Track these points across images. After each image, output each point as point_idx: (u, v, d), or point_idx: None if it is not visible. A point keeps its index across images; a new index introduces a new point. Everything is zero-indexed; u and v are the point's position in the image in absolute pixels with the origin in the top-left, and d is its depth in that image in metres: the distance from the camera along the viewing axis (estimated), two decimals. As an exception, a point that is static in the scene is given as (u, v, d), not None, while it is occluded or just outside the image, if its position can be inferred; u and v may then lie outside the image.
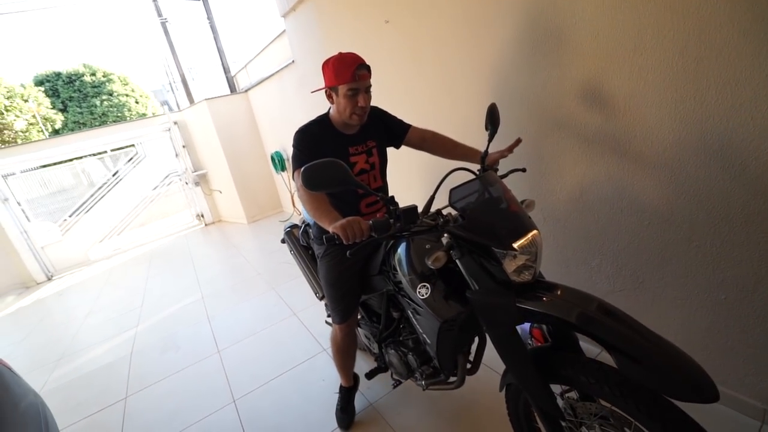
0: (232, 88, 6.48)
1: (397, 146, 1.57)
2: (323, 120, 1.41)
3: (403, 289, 1.26)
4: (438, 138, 1.51)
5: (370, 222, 1.01)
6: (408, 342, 1.48)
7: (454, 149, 1.47)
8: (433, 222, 1.07)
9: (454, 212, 1.08)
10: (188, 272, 4.31)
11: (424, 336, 1.22)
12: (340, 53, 1.30)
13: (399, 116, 1.59)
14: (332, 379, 1.95)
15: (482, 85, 1.85)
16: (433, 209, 1.11)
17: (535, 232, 0.96)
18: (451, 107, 2.05)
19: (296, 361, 2.19)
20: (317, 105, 3.75)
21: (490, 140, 1.28)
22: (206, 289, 3.63)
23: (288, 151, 5.17)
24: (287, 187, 5.49)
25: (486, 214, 1.00)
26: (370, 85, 1.31)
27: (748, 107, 1.08)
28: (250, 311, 2.96)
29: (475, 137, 1.78)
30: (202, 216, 6.69)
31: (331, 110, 1.41)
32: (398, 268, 1.26)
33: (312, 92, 1.50)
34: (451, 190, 1.04)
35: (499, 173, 1.24)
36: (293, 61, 4.03)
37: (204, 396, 2.08)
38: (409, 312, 1.25)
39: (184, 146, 6.28)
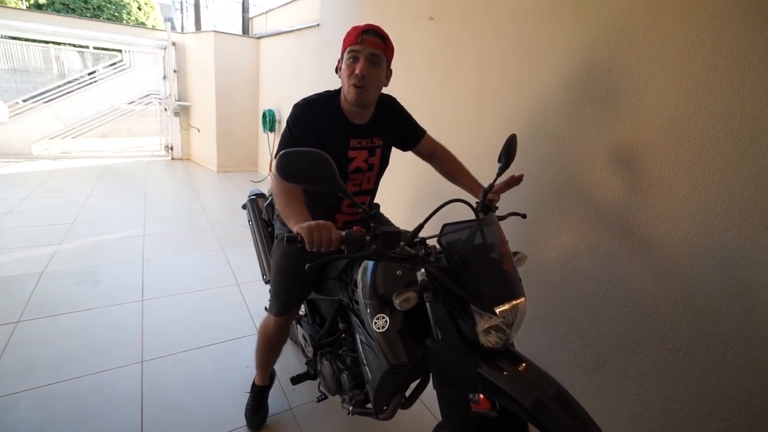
0: (245, 30, 6.08)
1: (404, 149, 1.42)
2: (330, 97, 1.22)
3: (358, 309, 1.12)
4: (447, 157, 1.38)
5: (343, 233, 0.86)
6: (346, 359, 1.35)
7: (458, 175, 1.34)
8: (413, 252, 0.94)
9: (437, 246, 0.96)
10: (137, 202, 3.95)
11: (367, 369, 1.09)
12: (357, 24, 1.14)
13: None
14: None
15: (510, 114, 1.75)
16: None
17: (522, 299, 0.86)
18: (473, 126, 1.94)
19: (224, 336, 1.99)
20: (333, 78, 3.54)
21: (499, 174, 1.17)
22: (151, 227, 3.32)
23: (282, 113, 4.89)
24: (270, 149, 5.20)
25: (475, 265, 0.87)
26: (380, 58, 1.12)
27: (773, 233, 1.03)
28: (191, 266, 2.72)
29: (484, 166, 1.67)
30: (171, 149, 6.23)
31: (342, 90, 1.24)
32: (359, 285, 1.11)
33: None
34: (445, 225, 0.90)
35: (498, 213, 1.14)
36: (318, 25, 3.80)
37: (108, 346, 1.84)
38: (358, 336, 1.11)
39: (175, 71, 5.82)
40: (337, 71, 1.20)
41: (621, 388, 1.41)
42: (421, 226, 0.92)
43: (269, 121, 4.95)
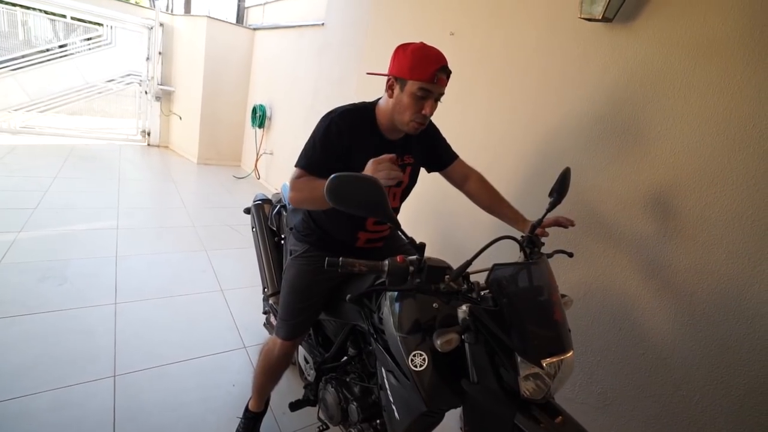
0: (239, 20, 5.85)
1: (434, 170, 1.36)
2: (367, 110, 1.17)
3: (385, 340, 1.04)
4: (485, 185, 1.33)
5: (386, 262, 0.82)
6: (354, 388, 1.26)
7: (499, 205, 1.29)
8: (457, 288, 0.88)
9: (478, 282, 0.91)
10: (110, 190, 3.66)
11: (394, 407, 1.00)
12: (423, 43, 1.08)
13: None
14: (244, 388, 1.64)
15: (527, 140, 1.72)
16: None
17: (571, 353, 0.81)
18: (492, 156, 1.90)
19: (207, 349, 1.84)
20: (334, 82, 3.44)
21: (550, 209, 1.13)
22: (125, 219, 3.08)
23: (274, 109, 4.72)
24: (256, 145, 5.00)
25: (524, 311, 0.82)
26: (443, 95, 1.09)
27: (801, 291, 1.04)
28: (170, 267, 2.52)
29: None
30: (148, 134, 5.88)
31: (380, 102, 1.17)
32: (387, 314, 1.03)
33: (368, 74, 1.25)
34: (495, 266, 0.85)
35: (543, 249, 1.10)
36: (323, 24, 3.69)
37: (75, 357, 1.65)
38: (383, 370, 1.02)
39: (160, 53, 5.50)
40: (388, 89, 1.11)
41: (627, 429, 1.40)
42: (468, 263, 0.86)
43: (259, 116, 4.76)
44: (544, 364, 0.77)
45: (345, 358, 1.34)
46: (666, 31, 1.28)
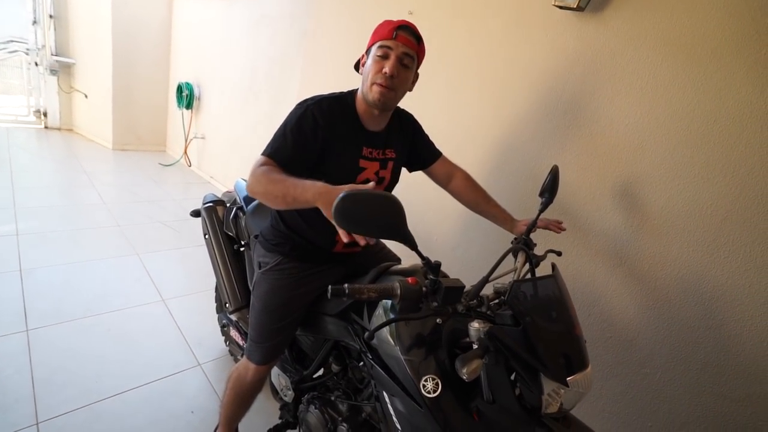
0: (153, -19, 5.07)
1: (416, 169, 1.27)
2: (345, 100, 1.04)
3: (381, 359, 0.95)
4: (471, 183, 1.26)
5: (398, 284, 0.73)
6: (341, 406, 1.17)
7: (486, 204, 1.23)
8: (475, 304, 0.82)
9: (489, 296, 0.86)
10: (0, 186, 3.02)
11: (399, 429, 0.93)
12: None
13: None
14: (206, 413, 1.46)
15: (492, 125, 1.70)
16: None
17: (590, 367, 0.80)
18: (454, 148, 1.84)
19: (156, 373, 1.60)
20: (275, 60, 3.11)
21: (542, 210, 1.11)
22: (27, 222, 2.55)
23: (203, 88, 4.22)
24: (184, 129, 4.47)
25: (549, 330, 0.79)
26: (412, 59, 0.98)
27: (752, 275, 1.15)
28: (96, 278, 2.15)
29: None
30: (44, 115, 4.95)
31: (358, 91, 1.05)
32: (388, 336, 0.94)
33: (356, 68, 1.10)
34: (515, 283, 0.80)
35: (535, 251, 1.08)
36: (259, -7, 3.30)
37: (-19, 403, 1.33)
38: (386, 395, 0.94)
39: (51, 16, 4.58)
40: (357, 68, 1.03)
41: (594, 408, 1.49)
42: (485, 280, 0.80)
43: (186, 96, 4.22)
44: (569, 381, 0.74)
45: (321, 372, 1.23)
46: (635, 23, 1.30)
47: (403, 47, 0.95)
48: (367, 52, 1.01)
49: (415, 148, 1.21)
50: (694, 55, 1.19)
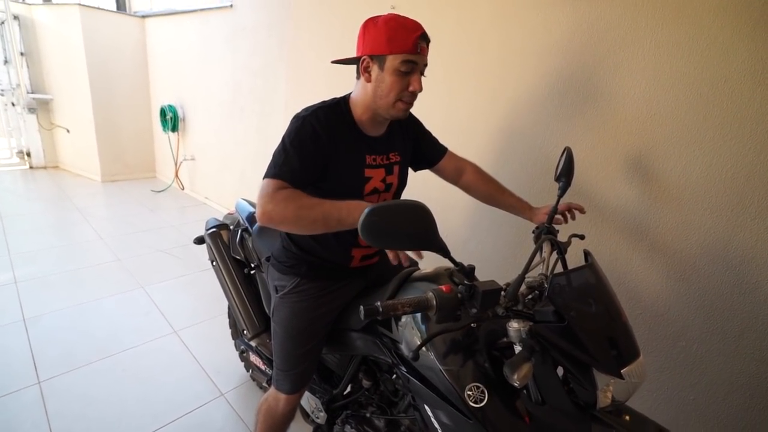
0: (121, 6, 4.98)
1: (422, 168, 1.22)
2: (339, 106, 0.97)
3: (416, 370, 0.90)
4: (482, 176, 1.21)
5: (432, 295, 0.69)
6: (377, 422, 1.13)
7: (501, 195, 1.19)
8: (513, 306, 0.77)
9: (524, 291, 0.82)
10: (-9, 235, 2.93)
11: None
12: (394, 14, 0.91)
13: None
14: (236, 445, 1.41)
15: (505, 122, 1.66)
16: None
17: (642, 356, 0.76)
18: (456, 140, 1.80)
19: (179, 409, 1.55)
20: (256, 73, 3.05)
21: (561, 194, 1.07)
22: (24, 268, 2.48)
23: (186, 107, 4.14)
24: (172, 152, 4.39)
25: (596, 322, 0.75)
26: (427, 66, 0.93)
27: (782, 234, 1.12)
28: (103, 318, 2.08)
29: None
30: (28, 154, 4.84)
31: (353, 95, 0.99)
32: (423, 347, 0.89)
33: (333, 62, 1.04)
34: (554, 276, 0.75)
35: (559, 238, 1.03)
36: (231, 6, 3.24)
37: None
38: (428, 409, 0.89)
39: (23, 54, 4.48)
40: (360, 72, 0.94)
41: (632, 386, 1.45)
42: (522, 278, 0.75)
43: (171, 119, 4.15)
44: (623, 372, 0.70)
45: (350, 388, 1.19)
46: (630, -8, 1.26)
47: (424, 59, 0.90)
48: (377, 58, 0.89)
49: (420, 147, 1.16)
50: (696, 16, 1.16)
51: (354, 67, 0.97)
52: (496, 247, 1.74)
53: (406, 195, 1.16)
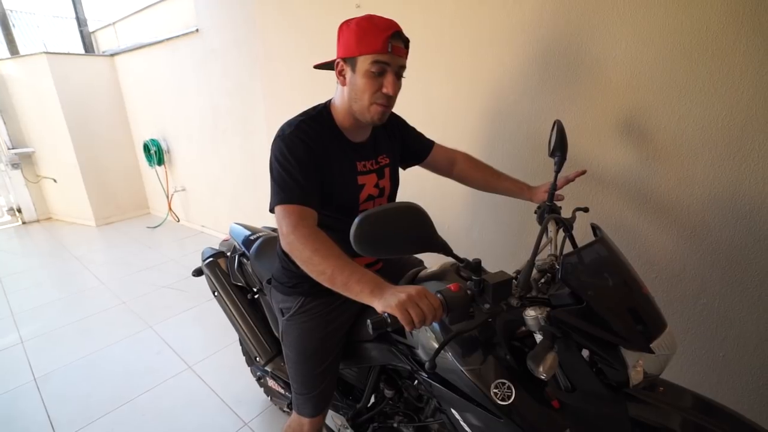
0: (88, 48, 4.93)
1: (411, 165, 1.18)
2: (321, 115, 0.94)
3: (438, 375, 0.86)
4: (474, 163, 1.18)
5: (440, 296, 0.65)
6: (405, 430, 1.09)
7: (497, 180, 1.15)
8: (527, 294, 0.74)
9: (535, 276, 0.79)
10: (-8, 297, 2.89)
11: None
12: (369, 15, 0.87)
13: None
14: (267, 474, 1.38)
15: (487, 103, 1.62)
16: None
17: (669, 327, 0.73)
18: (441, 130, 1.76)
19: (203, 446, 1.52)
20: (231, 92, 3.01)
21: (559, 169, 1.03)
22: (29, 326, 2.44)
23: (169, 138, 4.11)
24: (162, 186, 4.35)
25: (617, 299, 0.71)
26: (404, 68, 0.90)
27: (789, 175, 1.08)
28: (116, 364, 2.05)
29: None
30: (19, 211, 4.80)
31: (334, 100, 0.95)
32: (426, 345, 0.86)
33: (316, 67, 1.00)
34: (565, 257, 0.72)
35: (562, 215, 1.00)
36: (197, 30, 3.20)
37: None
38: (456, 413, 0.85)
39: (-2, 111, 4.44)
40: (339, 75, 0.90)
41: (659, 351, 1.42)
42: (531, 264, 0.71)
43: (156, 153, 4.11)
44: (652, 346, 0.67)
45: (373, 399, 1.15)
46: (595, -48, 1.22)
47: (398, 59, 0.85)
48: (349, 60, 0.87)
49: (406, 145, 1.12)
50: (667, -35, 1.12)
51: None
52: (501, 230, 1.70)
53: (400, 192, 1.13)
